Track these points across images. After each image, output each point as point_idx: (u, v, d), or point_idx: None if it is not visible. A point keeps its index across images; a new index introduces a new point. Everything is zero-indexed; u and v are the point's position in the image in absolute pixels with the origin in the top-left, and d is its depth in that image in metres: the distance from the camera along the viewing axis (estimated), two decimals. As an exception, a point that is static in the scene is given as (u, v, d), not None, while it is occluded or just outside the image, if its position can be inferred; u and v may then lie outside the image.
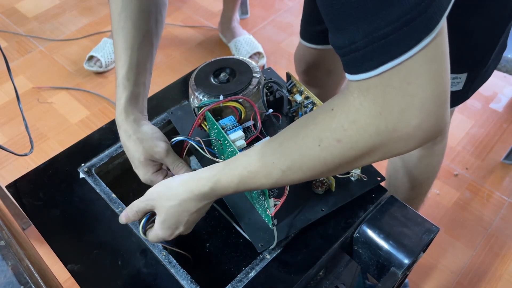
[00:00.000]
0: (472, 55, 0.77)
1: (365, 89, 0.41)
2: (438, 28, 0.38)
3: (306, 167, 0.47)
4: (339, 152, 0.44)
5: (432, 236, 0.64)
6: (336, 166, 0.46)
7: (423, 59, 0.38)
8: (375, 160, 0.45)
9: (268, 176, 0.50)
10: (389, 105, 0.40)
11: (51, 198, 0.71)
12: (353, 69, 0.41)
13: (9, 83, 1.58)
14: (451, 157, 1.53)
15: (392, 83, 0.39)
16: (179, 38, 1.97)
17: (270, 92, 0.76)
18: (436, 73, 0.39)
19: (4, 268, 0.53)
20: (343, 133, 0.43)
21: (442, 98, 0.41)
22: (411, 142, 0.42)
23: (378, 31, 0.37)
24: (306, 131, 0.46)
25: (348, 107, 0.43)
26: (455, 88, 0.80)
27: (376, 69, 0.39)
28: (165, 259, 0.63)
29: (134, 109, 0.66)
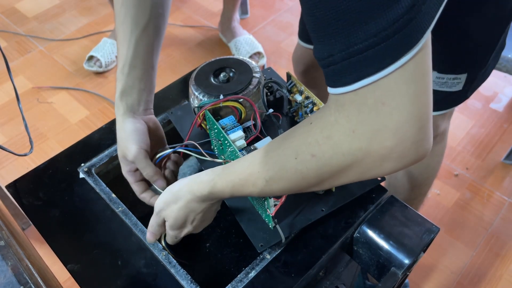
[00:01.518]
0: (472, 56, 0.77)
1: (341, 104, 0.40)
2: (418, 46, 0.36)
3: (285, 179, 0.47)
4: (314, 166, 0.44)
5: (432, 236, 0.64)
6: (314, 181, 0.46)
7: (400, 79, 0.37)
8: (354, 179, 0.44)
9: (254, 185, 0.50)
10: (363, 124, 0.39)
11: (51, 198, 0.71)
12: (331, 82, 0.40)
13: (9, 83, 1.58)
14: (452, 157, 1.53)
15: (367, 101, 0.38)
16: (179, 38, 1.97)
17: (270, 92, 0.76)
18: (414, 95, 0.37)
19: (4, 268, 0.53)
20: (318, 148, 0.42)
21: (420, 122, 0.39)
22: (386, 165, 0.41)
23: (355, 45, 0.36)
24: (286, 143, 0.46)
25: (324, 122, 0.42)
26: (455, 89, 0.80)
27: (352, 84, 0.38)
28: (165, 259, 0.63)
29: (124, 103, 0.65)
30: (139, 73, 0.66)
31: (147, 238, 0.62)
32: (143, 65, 0.66)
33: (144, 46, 0.66)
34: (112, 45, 1.80)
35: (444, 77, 0.78)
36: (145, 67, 0.67)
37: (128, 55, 0.65)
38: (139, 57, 0.66)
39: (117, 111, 0.66)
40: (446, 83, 0.78)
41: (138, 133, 0.64)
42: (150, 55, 0.67)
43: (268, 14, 2.07)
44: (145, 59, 0.67)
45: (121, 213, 0.68)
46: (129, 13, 0.64)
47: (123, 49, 0.65)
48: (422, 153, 0.41)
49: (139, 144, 0.63)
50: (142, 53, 0.66)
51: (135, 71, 0.65)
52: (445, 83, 0.79)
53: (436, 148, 0.98)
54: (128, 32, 0.65)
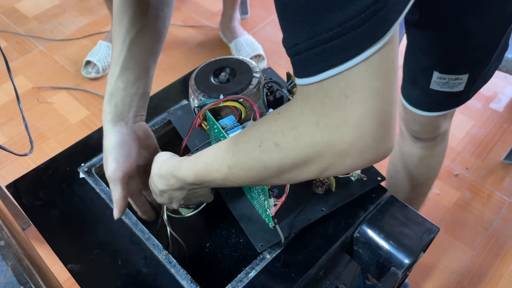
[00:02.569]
0: (473, 56, 0.77)
1: (306, 96, 0.39)
2: (384, 40, 0.35)
3: (248, 167, 0.47)
4: (276, 156, 0.43)
5: (432, 236, 0.64)
6: (275, 172, 0.45)
7: (365, 72, 0.36)
8: (315, 174, 0.43)
9: (218, 171, 0.50)
10: (326, 116, 0.38)
11: (51, 198, 0.71)
12: (297, 72, 0.39)
13: (9, 83, 1.59)
14: (452, 157, 1.53)
15: (331, 93, 0.37)
16: (179, 38, 1.97)
17: (270, 92, 0.76)
18: (378, 91, 0.37)
19: (4, 268, 0.53)
20: (282, 137, 0.42)
21: (382, 118, 0.38)
22: (347, 161, 0.40)
23: (320, 34, 0.35)
24: (252, 131, 0.46)
25: (290, 113, 0.42)
26: (457, 89, 0.80)
27: (317, 75, 0.37)
28: (165, 259, 0.63)
29: (113, 108, 0.62)
30: (131, 76, 0.62)
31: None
32: (137, 68, 0.62)
33: (140, 48, 0.62)
34: (108, 48, 1.78)
35: (446, 78, 0.78)
36: (139, 70, 0.63)
37: (121, 56, 0.61)
38: (133, 59, 0.62)
39: (104, 118, 0.62)
40: (447, 83, 0.78)
41: (121, 148, 0.61)
42: (146, 58, 0.64)
43: (268, 14, 2.07)
44: (140, 62, 0.63)
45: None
46: (127, 13, 0.61)
47: (116, 49, 0.62)
48: (383, 151, 0.40)
49: (118, 164, 0.60)
50: (137, 55, 0.62)
51: (127, 73, 0.61)
52: (446, 84, 0.79)
53: (437, 148, 0.98)
54: (123, 32, 0.61)
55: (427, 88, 0.81)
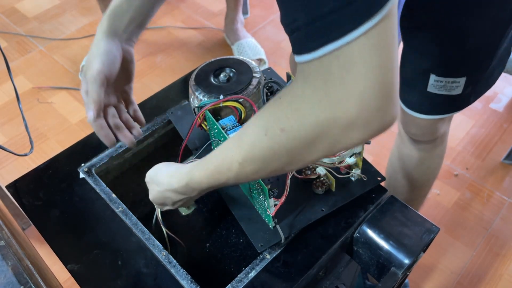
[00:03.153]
0: (471, 59, 0.76)
1: (306, 75, 0.40)
2: (383, 13, 0.36)
3: (258, 158, 0.47)
4: (284, 141, 0.43)
5: (432, 236, 0.64)
6: (285, 158, 0.45)
7: (364, 46, 0.36)
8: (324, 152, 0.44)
9: (229, 170, 0.50)
10: (328, 93, 0.39)
11: (51, 198, 0.71)
12: (297, 49, 0.39)
13: (9, 83, 1.58)
14: (452, 157, 1.53)
15: (331, 69, 0.38)
16: (179, 38, 1.97)
17: (270, 92, 0.76)
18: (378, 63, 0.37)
19: (4, 268, 0.53)
20: (286, 122, 0.42)
21: (385, 89, 0.38)
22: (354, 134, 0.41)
23: (319, 9, 0.36)
24: (255, 121, 0.47)
25: (292, 95, 0.42)
26: (454, 92, 0.79)
27: (317, 50, 0.37)
28: (165, 259, 0.63)
29: (111, 23, 0.64)
30: (138, 3, 0.65)
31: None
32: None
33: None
34: None
35: (443, 81, 0.77)
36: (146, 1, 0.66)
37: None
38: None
39: (100, 27, 0.64)
40: (444, 86, 0.78)
41: (109, 56, 0.63)
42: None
43: (268, 14, 2.07)
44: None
45: (121, 213, 0.68)
46: None
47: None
48: (388, 121, 0.41)
49: (103, 66, 0.62)
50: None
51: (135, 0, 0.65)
52: (443, 87, 0.78)
53: (436, 150, 0.98)
54: None
55: (424, 91, 0.80)
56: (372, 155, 1.48)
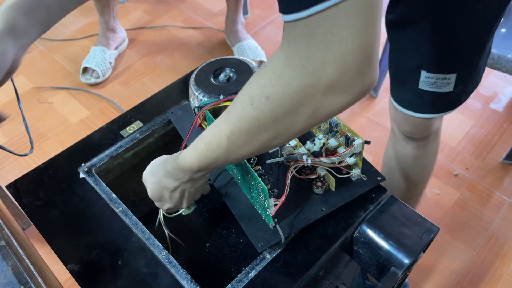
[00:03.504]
0: (460, 55, 0.77)
1: (292, 39, 0.40)
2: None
3: (245, 130, 0.47)
4: (269, 109, 0.43)
5: (432, 236, 0.64)
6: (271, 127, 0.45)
7: (351, 8, 0.37)
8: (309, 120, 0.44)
9: (219, 145, 0.50)
10: (312, 58, 0.39)
11: (51, 198, 0.71)
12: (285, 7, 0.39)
13: (9, 83, 1.59)
14: (451, 157, 1.53)
15: (316, 32, 0.38)
16: (179, 38, 1.97)
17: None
18: (363, 26, 0.38)
19: (4, 268, 0.53)
20: (271, 89, 0.42)
21: (366, 53, 0.39)
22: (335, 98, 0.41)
23: None
24: (242, 93, 0.47)
25: (276, 61, 0.42)
26: (445, 90, 0.80)
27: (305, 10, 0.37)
28: (165, 259, 0.63)
29: (11, 17, 0.55)
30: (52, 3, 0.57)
31: None
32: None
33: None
34: (103, 52, 1.78)
35: (434, 77, 0.78)
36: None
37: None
38: None
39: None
40: (435, 83, 0.79)
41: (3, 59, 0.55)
42: None
43: (268, 14, 2.07)
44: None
45: (121, 213, 0.68)
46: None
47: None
48: (368, 84, 0.41)
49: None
50: None
51: None
52: (434, 83, 0.79)
53: (430, 146, 0.98)
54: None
55: (416, 89, 0.81)
56: (372, 155, 1.48)
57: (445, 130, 1.59)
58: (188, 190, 0.61)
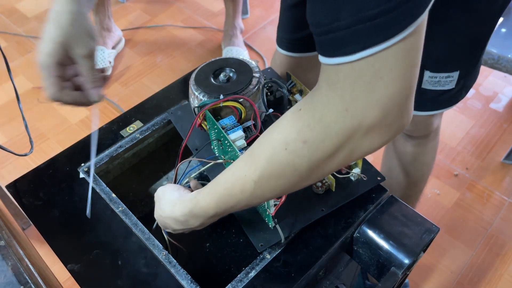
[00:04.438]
0: (463, 53, 0.77)
1: (333, 83, 0.38)
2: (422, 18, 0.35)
3: (276, 175, 0.45)
4: (306, 154, 0.42)
5: (432, 236, 0.64)
6: (306, 171, 0.44)
7: (401, 51, 0.36)
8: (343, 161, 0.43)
9: (243, 191, 0.48)
10: (356, 101, 0.37)
11: (51, 198, 0.71)
12: (328, 51, 0.37)
13: (9, 83, 1.59)
14: (451, 157, 1.53)
15: (363, 76, 0.36)
16: (179, 38, 1.97)
17: (270, 92, 0.76)
18: (408, 68, 0.37)
19: (4, 268, 0.53)
20: (310, 133, 0.41)
21: (408, 92, 0.38)
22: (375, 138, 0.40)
23: (366, 11, 0.34)
24: (272, 136, 0.44)
25: (315, 104, 0.40)
26: (448, 87, 0.80)
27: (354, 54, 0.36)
28: (165, 259, 0.63)
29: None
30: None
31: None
32: None
33: None
34: (102, 52, 1.78)
35: (437, 76, 0.78)
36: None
37: None
38: None
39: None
40: (439, 82, 0.79)
41: (93, 28, 0.57)
42: None
43: (268, 14, 2.07)
44: None
45: (121, 213, 0.68)
46: None
47: None
48: (406, 121, 0.41)
49: (94, 40, 0.56)
50: None
51: None
52: (438, 82, 0.79)
53: (430, 145, 0.98)
54: None
55: (419, 88, 0.81)
56: (372, 155, 1.47)
57: (445, 130, 1.59)
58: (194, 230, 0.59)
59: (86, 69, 0.56)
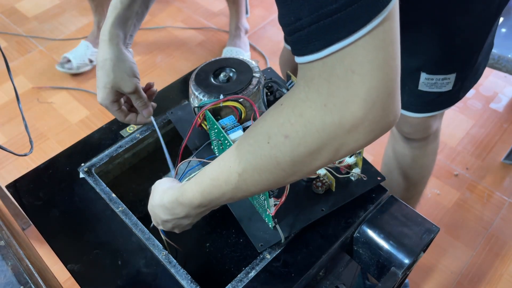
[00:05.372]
0: (460, 55, 0.76)
1: (309, 79, 0.38)
2: (388, 9, 0.35)
3: (260, 168, 0.45)
4: (288, 149, 0.42)
5: (432, 236, 0.64)
6: (289, 166, 0.43)
7: (370, 45, 0.36)
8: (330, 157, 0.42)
9: (227, 182, 0.48)
10: (333, 96, 0.38)
11: (51, 198, 0.71)
12: (298, 50, 0.38)
13: (9, 83, 1.59)
14: (451, 157, 1.53)
15: (335, 71, 0.37)
16: (179, 38, 1.97)
17: (270, 91, 0.76)
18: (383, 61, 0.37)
19: (4, 268, 0.53)
20: (290, 127, 0.41)
21: (389, 87, 0.38)
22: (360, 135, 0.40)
23: (325, 7, 0.34)
24: (257, 130, 0.45)
25: (294, 100, 0.41)
26: (445, 89, 0.79)
27: (321, 51, 0.36)
28: (165, 259, 0.63)
29: (120, 33, 0.67)
30: (136, 7, 0.68)
31: None
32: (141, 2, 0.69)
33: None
34: (86, 48, 1.79)
35: (434, 78, 0.78)
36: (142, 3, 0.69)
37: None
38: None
39: (111, 40, 0.66)
40: (435, 84, 0.78)
41: (135, 66, 0.68)
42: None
43: (268, 14, 2.07)
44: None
45: (121, 213, 0.68)
46: None
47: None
48: (392, 119, 0.40)
49: (137, 77, 0.68)
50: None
51: (133, 4, 0.67)
52: (434, 84, 0.79)
53: (430, 147, 0.98)
54: None
55: (415, 90, 0.80)
56: (372, 155, 1.48)
57: (445, 130, 1.59)
58: (182, 224, 0.59)
59: (134, 99, 0.71)
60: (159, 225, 0.61)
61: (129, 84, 0.68)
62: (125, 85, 0.67)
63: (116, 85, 0.67)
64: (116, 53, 0.66)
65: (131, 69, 0.68)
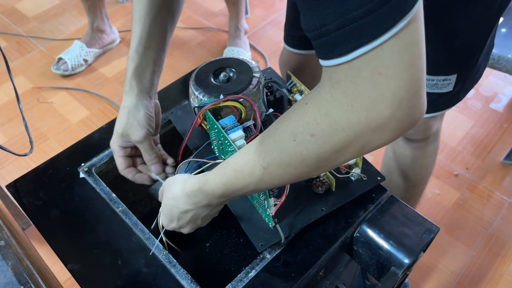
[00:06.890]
0: (461, 56, 0.77)
1: (335, 81, 0.39)
2: (413, 12, 0.36)
3: (285, 164, 0.46)
4: (314, 146, 0.43)
5: (432, 236, 0.64)
6: (314, 162, 0.45)
7: (395, 47, 0.37)
8: (355, 154, 0.43)
9: (251, 175, 0.49)
10: (360, 97, 0.38)
11: (51, 198, 0.71)
12: (324, 54, 0.39)
13: (9, 83, 1.59)
14: (451, 157, 1.53)
15: (362, 73, 0.37)
16: (180, 38, 1.97)
17: (270, 91, 0.76)
18: (409, 62, 0.38)
19: (4, 268, 0.53)
20: (316, 127, 0.42)
21: (415, 87, 0.39)
22: (385, 133, 0.40)
23: (351, 12, 0.35)
24: (282, 127, 0.46)
25: (320, 100, 0.41)
26: (445, 90, 0.79)
27: (347, 55, 0.37)
28: (165, 259, 0.63)
29: (139, 83, 0.67)
30: (152, 54, 0.68)
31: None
32: (157, 47, 0.68)
33: (158, 27, 0.67)
34: (80, 48, 1.79)
35: (434, 79, 0.78)
36: (158, 49, 0.69)
37: (143, 35, 0.66)
38: (154, 38, 0.67)
39: (130, 90, 0.67)
40: (436, 84, 0.79)
41: (150, 117, 0.68)
42: (164, 37, 0.69)
43: (268, 14, 2.07)
44: (158, 41, 0.68)
45: (121, 213, 0.68)
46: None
47: (138, 28, 0.67)
48: (418, 117, 0.41)
49: (148, 129, 0.67)
50: (157, 35, 0.68)
51: (149, 52, 0.67)
52: (435, 85, 0.79)
53: (430, 148, 0.98)
54: (144, 13, 0.66)
55: None
56: (372, 155, 1.48)
57: (445, 130, 1.59)
58: (200, 216, 0.59)
59: (143, 150, 0.69)
60: (173, 221, 0.61)
61: (138, 133, 0.66)
62: (134, 132, 0.66)
63: (125, 131, 0.67)
64: (133, 102, 0.67)
65: (145, 119, 0.67)
